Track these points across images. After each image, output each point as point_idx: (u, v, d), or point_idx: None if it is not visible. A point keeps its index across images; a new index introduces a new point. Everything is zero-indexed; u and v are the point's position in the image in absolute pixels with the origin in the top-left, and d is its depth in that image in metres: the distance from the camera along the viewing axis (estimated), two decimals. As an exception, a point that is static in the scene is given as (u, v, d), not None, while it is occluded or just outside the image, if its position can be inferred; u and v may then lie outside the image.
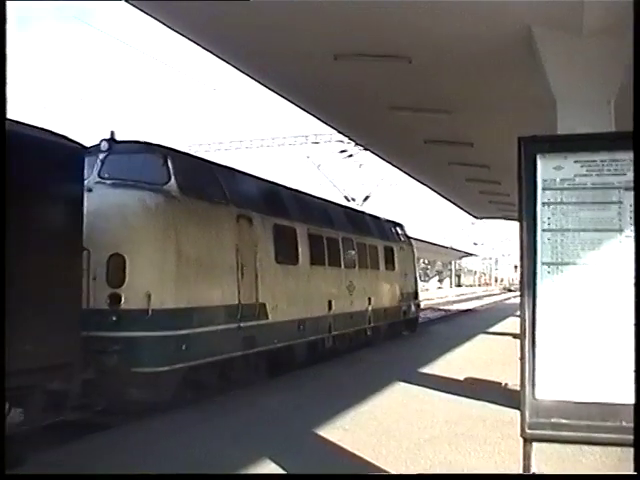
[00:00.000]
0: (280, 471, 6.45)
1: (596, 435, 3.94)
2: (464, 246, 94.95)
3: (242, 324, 10.99)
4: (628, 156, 4.02)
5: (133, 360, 9.00)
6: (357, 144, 27.33)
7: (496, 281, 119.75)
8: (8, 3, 3.78)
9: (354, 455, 7.06)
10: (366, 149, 24.30)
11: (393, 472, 6.48)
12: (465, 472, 6.49)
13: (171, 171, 10.13)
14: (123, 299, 9.20)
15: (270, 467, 6.55)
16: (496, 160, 19.17)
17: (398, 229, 22.78)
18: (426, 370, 13.36)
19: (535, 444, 4.07)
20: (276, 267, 12.56)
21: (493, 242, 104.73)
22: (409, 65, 11.14)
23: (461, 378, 12.19)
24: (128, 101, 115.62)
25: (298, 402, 10.00)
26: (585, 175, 4.10)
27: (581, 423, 3.92)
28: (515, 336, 17.93)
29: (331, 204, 18.16)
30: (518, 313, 4.27)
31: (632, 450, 5.25)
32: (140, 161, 10.25)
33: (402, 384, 11.55)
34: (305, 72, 12.42)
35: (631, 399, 3.87)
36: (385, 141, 19.05)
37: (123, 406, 9.23)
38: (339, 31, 10.21)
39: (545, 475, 4.96)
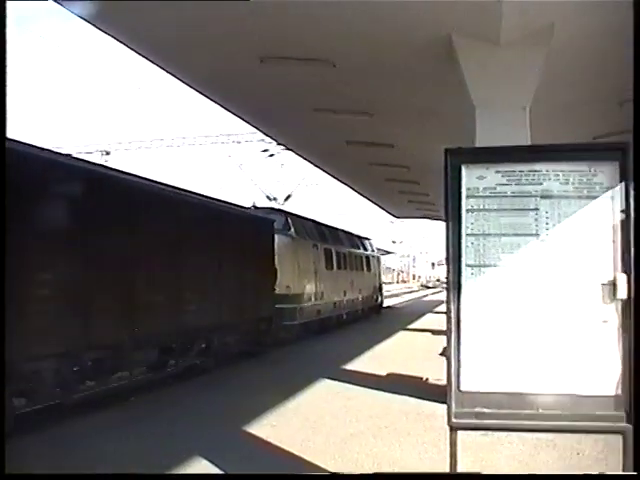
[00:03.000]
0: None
1: (515, 422, 4.28)
2: (383, 244, 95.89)
3: (315, 302, 21.05)
4: (544, 167, 4.40)
5: (282, 318, 17.86)
6: (279, 143, 27.45)
7: (414, 278, 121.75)
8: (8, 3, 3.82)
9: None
10: (288, 149, 24.47)
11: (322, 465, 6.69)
12: (402, 469, 6.67)
13: (290, 224, 19.96)
14: (277, 288, 17.17)
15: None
16: (416, 161, 19.62)
17: (370, 242, 33.80)
18: (349, 367, 13.65)
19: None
20: (325, 271, 22.58)
21: (411, 240, 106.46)
22: (333, 68, 11.35)
23: (383, 373, 12.51)
24: (50, 98, 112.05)
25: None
26: (505, 184, 4.44)
27: (501, 412, 4.25)
28: (434, 332, 18.54)
29: (341, 231, 28.12)
30: (436, 310, 4.60)
31: (547, 436, 5.63)
32: (276, 219, 18.36)
33: (327, 381, 11.81)
34: (231, 74, 12.44)
35: (545, 389, 4.23)
36: (307, 142, 19.24)
37: (277, 341, 17.32)
38: (265, 34, 10.25)
39: (545, 475, 5.25)
